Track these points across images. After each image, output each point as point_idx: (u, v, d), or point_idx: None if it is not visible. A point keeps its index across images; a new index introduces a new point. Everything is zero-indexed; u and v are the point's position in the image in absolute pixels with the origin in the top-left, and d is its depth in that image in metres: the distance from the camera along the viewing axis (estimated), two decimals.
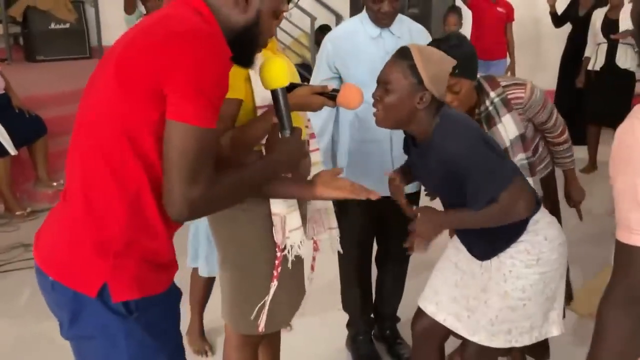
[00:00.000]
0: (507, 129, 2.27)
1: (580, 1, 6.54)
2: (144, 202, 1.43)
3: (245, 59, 1.61)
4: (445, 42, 2.19)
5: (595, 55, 5.93)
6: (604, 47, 5.82)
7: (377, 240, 2.97)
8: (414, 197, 2.81)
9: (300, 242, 2.03)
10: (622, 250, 1.17)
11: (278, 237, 1.99)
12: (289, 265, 2.02)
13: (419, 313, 2.26)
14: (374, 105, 1.96)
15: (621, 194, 1.17)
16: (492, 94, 2.28)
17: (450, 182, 1.93)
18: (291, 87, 1.94)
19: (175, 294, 1.61)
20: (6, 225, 4.77)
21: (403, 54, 1.90)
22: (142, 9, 5.28)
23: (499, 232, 1.98)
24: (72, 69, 7.83)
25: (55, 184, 5.27)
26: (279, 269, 2.01)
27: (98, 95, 1.44)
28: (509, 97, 2.29)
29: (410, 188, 2.72)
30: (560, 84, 6.72)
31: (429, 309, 2.20)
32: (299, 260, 2.06)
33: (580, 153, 6.19)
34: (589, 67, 6.00)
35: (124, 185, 1.41)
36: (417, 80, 1.86)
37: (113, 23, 8.82)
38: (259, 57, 1.74)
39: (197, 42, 1.35)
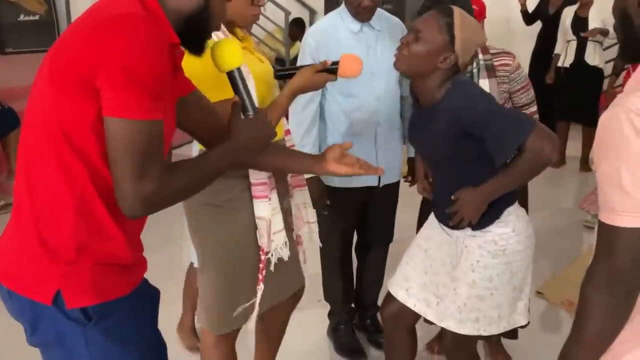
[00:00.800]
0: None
1: (550, 0, 6.68)
2: (91, 204, 1.35)
3: (196, 44, 1.51)
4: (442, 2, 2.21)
5: (565, 52, 6.04)
6: (573, 45, 5.95)
7: (357, 231, 3.01)
8: (395, 186, 2.87)
9: (284, 243, 2.05)
10: (605, 230, 1.22)
11: (263, 241, 2.00)
12: (272, 268, 2.04)
13: (389, 298, 2.29)
14: (399, 48, 1.98)
15: (605, 178, 1.22)
16: (480, 57, 2.36)
17: (455, 146, 1.94)
18: (287, 73, 1.99)
19: (142, 295, 1.52)
20: None
21: (445, 11, 1.93)
22: None
23: None
24: (40, 61, 7.75)
25: None
26: (264, 272, 2.03)
27: (36, 95, 1.37)
28: (496, 64, 2.37)
29: (389, 178, 2.77)
30: (531, 80, 6.84)
31: (400, 295, 2.23)
32: (280, 260, 2.07)
33: None
34: (559, 64, 6.11)
35: (67, 188, 1.34)
36: (449, 39, 1.91)
37: None
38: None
39: (125, 29, 1.26)
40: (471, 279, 2.05)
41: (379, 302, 3.13)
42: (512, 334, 2.61)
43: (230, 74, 1.59)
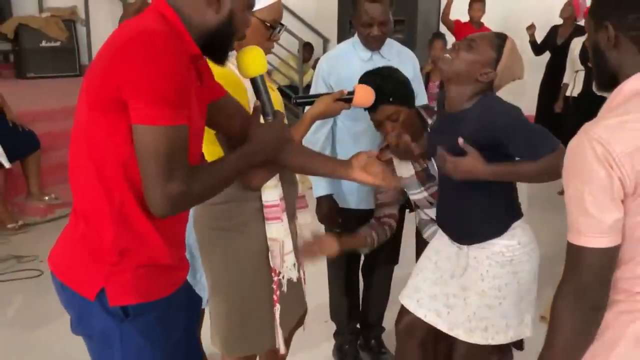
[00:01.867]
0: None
1: (559, 31, 6.78)
2: (130, 210, 1.47)
3: (219, 55, 1.62)
4: (378, 74, 2.38)
5: (573, 82, 6.12)
6: (581, 74, 6.02)
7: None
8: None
9: (294, 265, 2.13)
10: (572, 250, 1.32)
11: (276, 262, 2.07)
12: (284, 289, 2.11)
13: (402, 311, 2.38)
14: (449, 51, 2.10)
15: (571, 200, 1.31)
16: (429, 121, 2.49)
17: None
18: (307, 101, 2.12)
19: (180, 300, 1.63)
20: None
21: (499, 35, 2.11)
22: None
23: (482, 221, 2.13)
24: (61, 86, 7.92)
25: (46, 197, 5.35)
26: (278, 293, 2.09)
27: (78, 116, 1.50)
28: None
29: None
30: (540, 109, 6.93)
31: (411, 306, 2.31)
32: (289, 283, 2.14)
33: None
34: (567, 93, 6.18)
35: (108, 198, 1.46)
36: (495, 59, 2.05)
37: (103, 42, 8.97)
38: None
39: (144, 45, 1.37)
40: (481, 289, 2.14)
41: (384, 323, 3.21)
42: (520, 344, 2.66)
43: (253, 80, 1.74)
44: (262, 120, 1.75)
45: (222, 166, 1.59)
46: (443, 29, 7.49)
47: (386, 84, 2.33)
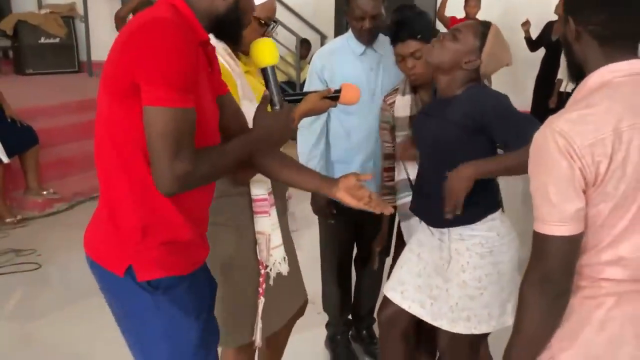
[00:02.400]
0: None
1: (554, 27, 6.82)
2: (149, 191, 1.54)
3: (233, 38, 1.72)
4: (412, 8, 2.44)
5: (567, 78, 6.17)
6: None
7: (356, 243, 3.14)
8: (392, 201, 2.99)
9: (284, 258, 2.17)
10: (537, 239, 1.38)
11: (263, 255, 2.12)
12: (271, 282, 2.15)
13: (385, 302, 2.42)
14: (433, 42, 2.18)
15: (536, 191, 1.37)
16: None
17: (461, 135, 2.11)
18: (295, 98, 2.18)
19: (203, 278, 1.77)
20: None
21: (484, 24, 2.19)
22: None
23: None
24: (60, 82, 8.00)
25: (45, 192, 5.41)
26: (264, 286, 2.14)
27: (98, 103, 1.59)
28: None
29: None
30: (534, 104, 6.97)
31: (395, 298, 2.36)
32: (282, 277, 2.18)
33: None
34: (562, 89, 6.24)
35: (129, 180, 1.56)
36: (479, 46, 2.13)
37: (102, 38, 8.94)
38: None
39: (157, 30, 1.45)
40: (462, 280, 2.19)
41: (375, 314, 3.26)
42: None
43: (264, 70, 1.82)
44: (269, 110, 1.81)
45: (227, 150, 1.65)
46: (439, 25, 7.52)
47: (418, 20, 2.39)
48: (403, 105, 2.56)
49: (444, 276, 2.24)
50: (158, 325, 1.65)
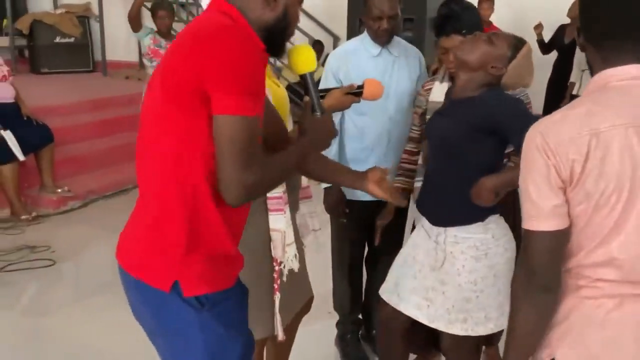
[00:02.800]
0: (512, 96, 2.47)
1: (566, 30, 6.82)
2: (202, 202, 1.52)
3: (277, 48, 1.69)
4: (460, 2, 2.46)
5: (580, 81, 6.17)
6: (587, 73, 6.04)
7: (367, 243, 3.15)
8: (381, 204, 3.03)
9: (295, 255, 2.21)
10: (523, 235, 1.42)
11: (277, 252, 2.16)
12: (284, 278, 2.19)
13: (382, 303, 2.44)
14: (469, 38, 2.23)
15: (522, 189, 1.41)
16: None
17: (472, 137, 2.14)
18: (324, 91, 2.20)
19: (242, 288, 1.73)
20: (12, 228, 4.95)
21: (521, 40, 2.22)
22: (148, 24, 5.49)
23: (460, 204, 2.19)
24: (75, 81, 8.07)
25: (59, 190, 5.46)
26: (279, 282, 2.18)
27: (151, 108, 1.56)
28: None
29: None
30: (547, 107, 6.97)
31: (392, 300, 2.39)
32: (292, 272, 2.22)
33: None
34: (574, 92, 6.22)
35: (182, 188, 1.51)
36: (510, 57, 2.16)
37: (117, 38, 9.09)
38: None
39: (227, 39, 1.45)
40: (457, 282, 2.21)
41: None
42: (490, 340, 2.74)
43: (303, 77, 1.81)
44: None
45: (286, 157, 1.65)
46: None
47: (465, 16, 2.42)
48: (439, 91, 2.59)
49: (440, 279, 2.26)
50: (201, 343, 1.60)
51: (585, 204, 1.34)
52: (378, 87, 2.23)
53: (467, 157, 2.16)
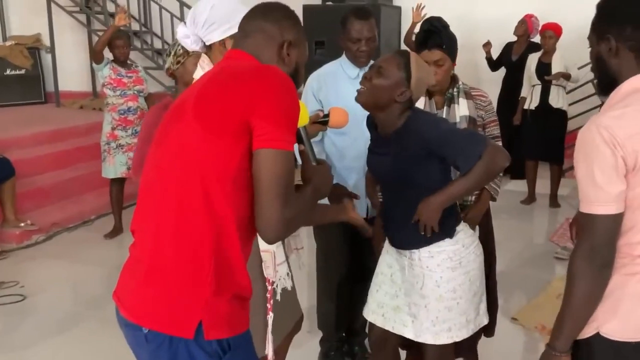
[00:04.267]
0: (461, 108, 2.63)
1: (513, 47, 7.10)
2: (228, 239, 1.50)
3: None
4: (439, 21, 2.59)
5: (530, 96, 6.39)
6: (538, 89, 6.30)
7: (357, 260, 3.21)
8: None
9: (287, 274, 2.25)
10: (584, 218, 1.59)
11: (269, 272, 2.19)
12: (278, 297, 2.23)
13: (371, 325, 2.52)
14: (362, 82, 2.26)
15: (582, 178, 1.58)
16: (460, 83, 2.69)
17: (415, 166, 2.21)
18: None
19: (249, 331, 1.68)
20: None
21: (402, 54, 2.26)
22: (109, 55, 5.49)
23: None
24: (29, 113, 7.97)
25: (22, 224, 5.37)
26: (271, 302, 2.21)
27: (176, 142, 1.53)
28: (473, 93, 2.69)
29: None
30: (499, 122, 7.17)
31: (378, 321, 2.46)
32: (284, 291, 2.26)
33: (520, 186, 6.65)
34: (525, 107, 6.45)
35: (212, 224, 1.49)
36: (406, 77, 2.19)
37: (68, 69, 9.00)
38: None
39: (274, 75, 1.54)
40: (438, 294, 2.30)
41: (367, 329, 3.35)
42: (490, 332, 2.84)
43: (298, 131, 1.84)
44: None
45: (306, 196, 1.66)
46: (404, 47, 7.71)
47: (445, 32, 2.54)
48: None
49: (420, 293, 2.33)
50: None
51: (639, 188, 1.52)
52: (343, 115, 2.29)
53: (416, 183, 2.23)
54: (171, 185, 1.53)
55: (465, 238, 2.34)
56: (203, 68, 2.15)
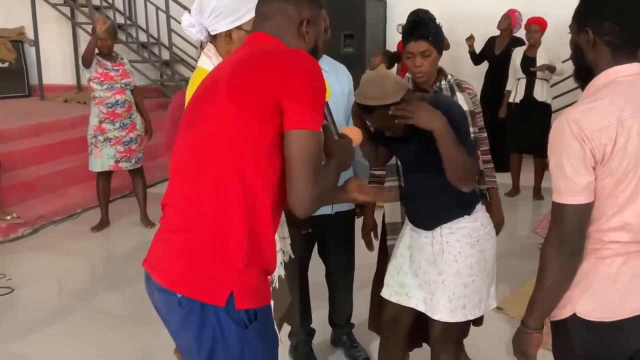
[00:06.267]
0: (460, 104, 2.62)
1: (496, 42, 7.16)
2: (259, 214, 1.57)
3: None
4: (426, 14, 2.64)
5: (515, 89, 6.45)
6: (523, 82, 6.36)
7: (322, 259, 3.28)
8: (348, 215, 3.14)
9: (281, 263, 2.26)
10: (555, 207, 1.66)
11: None
12: (275, 285, 2.24)
13: (387, 305, 2.59)
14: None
15: (554, 169, 1.65)
16: (450, 76, 2.74)
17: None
18: None
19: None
20: None
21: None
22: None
23: (450, 204, 2.36)
24: (13, 106, 7.93)
25: (8, 217, 5.37)
26: (270, 289, 2.25)
27: (212, 122, 1.60)
28: (463, 85, 2.75)
29: (341, 206, 3.03)
30: (484, 115, 7.23)
31: (402, 300, 2.53)
32: (279, 278, 2.28)
33: (504, 179, 6.72)
34: (510, 100, 6.51)
35: (245, 199, 1.55)
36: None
37: (52, 62, 8.95)
38: None
39: (302, 57, 1.61)
40: (455, 269, 2.38)
41: (353, 320, 3.39)
42: (479, 321, 2.89)
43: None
44: None
45: (330, 170, 1.73)
46: (389, 44, 7.74)
47: (431, 25, 2.58)
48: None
49: (438, 269, 2.41)
50: (241, 358, 1.62)
51: (609, 179, 1.61)
52: (358, 134, 2.20)
53: (441, 164, 2.26)
54: (207, 162, 1.59)
55: (484, 218, 2.46)
56: (209, 57, 2.16)
